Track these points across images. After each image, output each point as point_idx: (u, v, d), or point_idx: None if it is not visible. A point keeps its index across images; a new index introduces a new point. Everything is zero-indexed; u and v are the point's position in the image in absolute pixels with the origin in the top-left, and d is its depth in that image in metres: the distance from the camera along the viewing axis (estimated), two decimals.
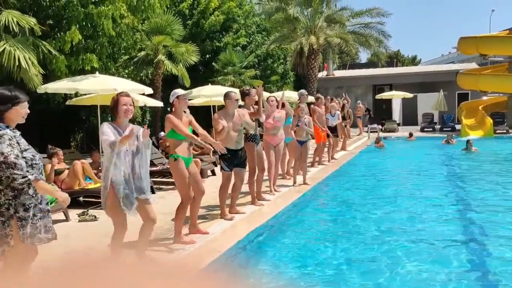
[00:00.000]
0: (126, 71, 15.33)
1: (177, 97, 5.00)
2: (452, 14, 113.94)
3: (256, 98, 6.43)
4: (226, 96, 5.96)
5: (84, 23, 10.86)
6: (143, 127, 4.09)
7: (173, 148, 4.97)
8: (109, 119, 8.98)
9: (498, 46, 20.39)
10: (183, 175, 4.89)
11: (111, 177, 3.81)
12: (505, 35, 21.06)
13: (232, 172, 5.95)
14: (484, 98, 22.43)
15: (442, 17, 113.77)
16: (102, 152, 4.68)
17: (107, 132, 3.87)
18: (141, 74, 15.72)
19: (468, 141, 13.56)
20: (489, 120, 19.23)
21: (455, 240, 5.31)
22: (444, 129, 21.63)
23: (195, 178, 5.10)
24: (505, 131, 19.45)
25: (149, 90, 9.23)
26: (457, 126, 21.18)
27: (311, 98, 13.33)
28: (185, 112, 5.16)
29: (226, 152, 5.62)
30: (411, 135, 18.56)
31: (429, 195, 7.82)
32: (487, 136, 18.17)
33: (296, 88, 22.72)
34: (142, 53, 15.02)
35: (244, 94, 6.56)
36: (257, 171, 6.76)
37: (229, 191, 6.08)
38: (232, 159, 5.90)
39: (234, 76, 19.19)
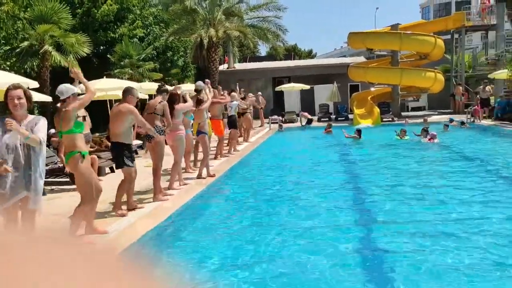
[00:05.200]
0: (8, 63, 13.90)
1: (73, 94, 4.79)
2: (343, 11, 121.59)
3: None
4: (129, 92, 5.78)
5: None
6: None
7: (72, 144, 4.64)
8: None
9: (381, 42, 22.14)
10: (90, 172, 4.75)
11: None
12: (387, 31, 22.94)
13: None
14: (372, 89, 24.26)
15: (334, 13, 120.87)
16: None
17: None
18: (26, 66, 14.36)
19: (357, 130, 14.62)
20: (377, 110, 20.86)
21: (346, 221, 5.66)
22: (339, 118, 23.03)
23: None
24: (390, 119, 21.25)
25: (34, 84, 8.49)
26: (350, 116, 22.67)
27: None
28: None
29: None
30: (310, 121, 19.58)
31: (325, 180, 8.29)
32: (375, 124, 19.70)
33: (198, 80, 22.51)
34: (26, 43, 13.71)
35: (163, 91, 6.86)
36: (160, 165, 6.65)
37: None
38: (131, 154, 5.74)
39: (132, 69, 18.44)
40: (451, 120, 17.08)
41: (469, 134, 15.31)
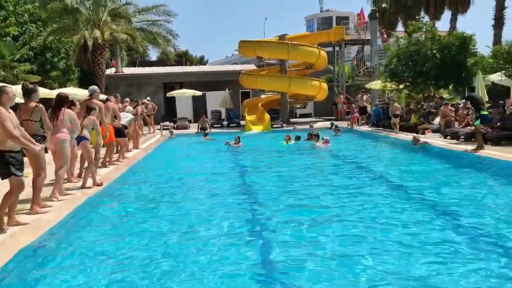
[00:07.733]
0: None
1: None
2: (234, 19, 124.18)
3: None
4: (3, 91, 5.09)
5: None
6: None
7: None
8: None
9: (270, 51, 23.01)
10: None
11: None
12: (275, 41, 23.92)
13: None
14: (262, 96, 25.06)
15: (225, 21, 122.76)
16: None
17: None
18: None
19: (237, 136, 14.92)
20: (267, 116, 21.56)
21: (239, 225, 5.71)
22: (231, 124, 23.33)
23: None
24: (280, 125, 22.12)
25: None
26: (242, 122, 23.09)
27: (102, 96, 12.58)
28: None
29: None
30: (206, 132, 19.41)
31: (213, 185, 8.41)
32: (266, 130, 20.32)
33: (83, 85, 21.06)
34: None
35: (30, 91, 6.13)
36: (41, 174, 5.98)
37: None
38: (19, 162, 5.11)
39: (4, 70, 16.66)
40: (332, 124, 19.51)
41: (350, 138, 16.64)
